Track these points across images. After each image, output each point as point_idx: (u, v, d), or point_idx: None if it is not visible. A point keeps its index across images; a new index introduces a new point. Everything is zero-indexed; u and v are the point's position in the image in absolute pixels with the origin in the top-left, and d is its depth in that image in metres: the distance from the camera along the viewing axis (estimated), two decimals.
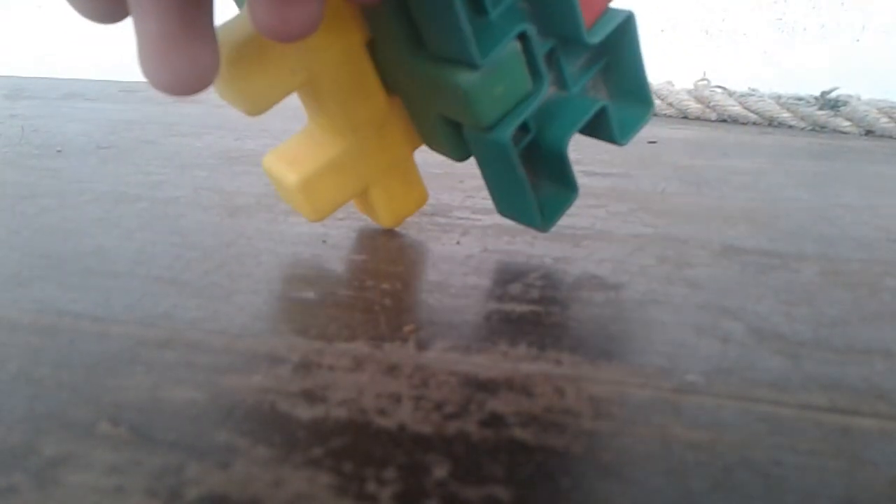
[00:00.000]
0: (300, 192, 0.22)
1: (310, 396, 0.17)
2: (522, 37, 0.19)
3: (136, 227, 0.26)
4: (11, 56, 0.65)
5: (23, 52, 0.65)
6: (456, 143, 0.22)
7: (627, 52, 0.21)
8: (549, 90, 0.21)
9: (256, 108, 0.20)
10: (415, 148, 0.24)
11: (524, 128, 0.21)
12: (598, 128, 0.21)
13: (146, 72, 0.16)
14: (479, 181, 0.32)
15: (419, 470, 0.14)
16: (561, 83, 0.21)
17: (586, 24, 0.19)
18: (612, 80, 0.22)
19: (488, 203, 0.29)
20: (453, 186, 0.31)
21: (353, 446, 0.15)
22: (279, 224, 0.26)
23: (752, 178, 0.32)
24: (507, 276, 0.22)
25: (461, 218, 0.27)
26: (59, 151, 0.36)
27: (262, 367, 0.18)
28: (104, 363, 0.18)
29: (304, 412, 0.16)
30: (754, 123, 0.43)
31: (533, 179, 0.22)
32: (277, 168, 0.23)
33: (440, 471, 0.14)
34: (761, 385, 0.17)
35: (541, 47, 0.20)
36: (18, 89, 0.52)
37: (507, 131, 0.20)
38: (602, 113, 0.21)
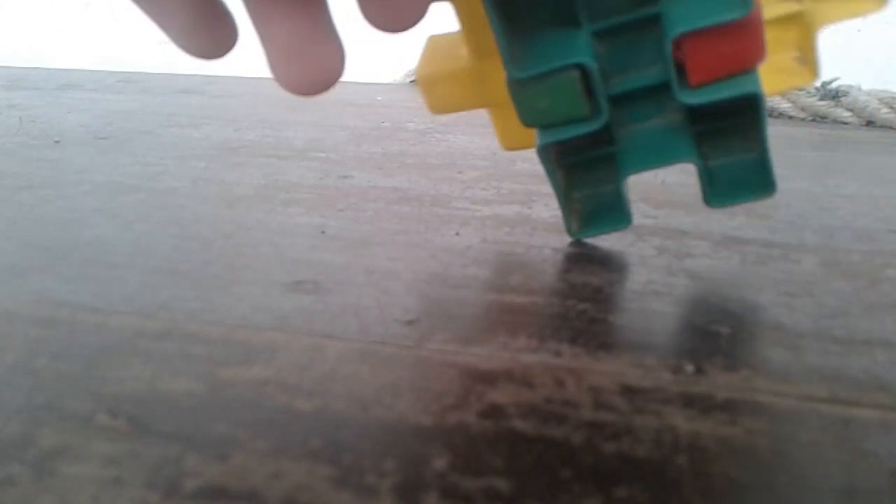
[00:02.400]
0: (421, 86, 0.23)
1: (308, 388, 0.17)
2: (582, 68, 0.19)
3: (135, 217, 0.26)
4: (9, 46, 0.64)
5: (20, 42, 0.65)
6: None
7: (743, 129, 0.21)
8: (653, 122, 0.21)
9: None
10: None
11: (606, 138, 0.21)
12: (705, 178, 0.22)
13: (278, 76, 0.16)
14: (478, 172, 0.32)
15: (419, 461, 0.14)
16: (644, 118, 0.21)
17: (694, 81, 0.19)
18: (722, 148, 0.22)
19: (487, 194, 0.29)
20: (452, 177, 0.31)
21: (353, 438, 0.15)
22: (278, 215, 0.26)
23: None
24: (507, 267, 0.22)
25: (460, 209, 0.27)
26: (56, 142, 0.36)
27: (261, 359, 0.18)
28: (102, 354, 0.18)
29: (303, 403, 0.16)
30: None
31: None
32: (423, 52, 0.24)
33: (440, 462, 0.14)
34: (762, 376, 0.17)
35: (617, 86, 0.20)
36: (16, 79, 0.52)
37: (544, 140, 0.20)
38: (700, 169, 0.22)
